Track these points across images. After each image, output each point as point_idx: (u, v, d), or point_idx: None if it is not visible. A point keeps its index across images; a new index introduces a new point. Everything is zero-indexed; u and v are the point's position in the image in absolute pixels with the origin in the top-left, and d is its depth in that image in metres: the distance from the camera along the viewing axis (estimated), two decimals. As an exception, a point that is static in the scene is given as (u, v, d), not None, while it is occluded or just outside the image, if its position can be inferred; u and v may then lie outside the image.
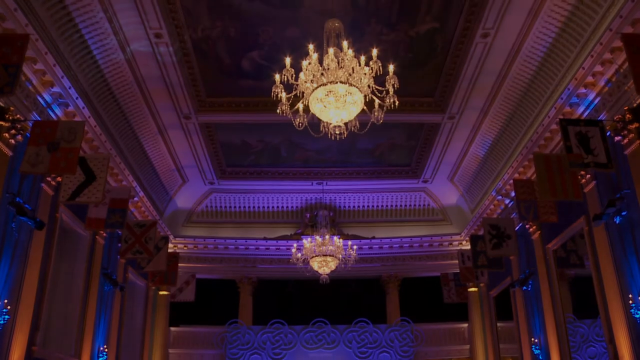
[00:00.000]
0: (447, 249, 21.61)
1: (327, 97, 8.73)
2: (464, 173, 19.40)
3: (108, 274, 16.03)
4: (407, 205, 21.85)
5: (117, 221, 13.84)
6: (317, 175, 19.66)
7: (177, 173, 19.52)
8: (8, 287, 10.88)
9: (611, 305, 11.82)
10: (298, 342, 20.47)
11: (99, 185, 11.63)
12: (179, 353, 20.92)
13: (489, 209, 18.31)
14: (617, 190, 11.37)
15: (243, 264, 21.79)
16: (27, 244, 11.65)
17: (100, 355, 15.48)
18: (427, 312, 21.49)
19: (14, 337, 11.10)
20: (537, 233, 15.74)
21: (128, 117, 15.43)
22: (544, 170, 11.62)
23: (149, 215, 18.39)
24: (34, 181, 11.90)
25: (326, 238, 16.34)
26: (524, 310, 16.83)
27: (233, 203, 21.71)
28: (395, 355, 20.26)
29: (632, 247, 10.98)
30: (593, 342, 13.63)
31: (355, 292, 22.92)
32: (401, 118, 16.18)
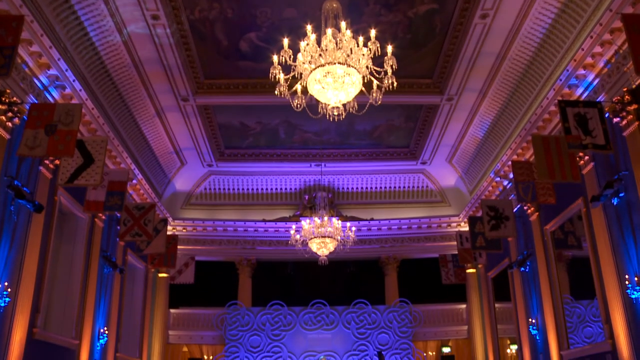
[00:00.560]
0: (445, 231, 21.68)
1: (325, 78, 8.70)
2: (462, 155, 19.40)
3: (107, 257, 16.08)
4: (406, 186, 21.86)
5: (115, 204, 13.83)
6: (316, 157, 19.66)
7: (175, 155, 19.50)
8: (8, 270, 10.91)
9: (608, 286, 11.90)
10: (297, 323, 20.60)
11: (97, 168, 11.59)
12: (178, 334, 21.07)
13: (487, 191, 18.35)
14: (615, 171, 11.38)
15: (242, 245, 21.86)
16: (26, 227, 11.67)
17: (100, 337, 15.59)
18: (426, 293, 21.61)
19: (15, 319, 11.17)
20: (535, 214, 15.78)
21: (126, 100, 15.37)
22: (542, 151, 11.62)
23: (148, 198, 18.40)
24: (32, 164, 11.89)
25: (325, 220, 16.35)
26: (522, 291, 16.93)
27: (232, 185, 21.71)
28: (394, 335, 20.40)
29: (629, 228, 11.02)
30: (589, 323, 13.73)
31: (354, 274, 23.01)
32: (400, 99, 16.16)
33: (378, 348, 19.34)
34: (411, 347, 20.34)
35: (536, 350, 15.89)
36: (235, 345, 20.25)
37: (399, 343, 20.30)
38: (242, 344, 20.27)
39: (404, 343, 20.31)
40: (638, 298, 10.67)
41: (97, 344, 15.38)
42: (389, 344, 20.25)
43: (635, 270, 10.82)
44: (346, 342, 20.42)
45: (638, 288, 10.63)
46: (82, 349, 14.57)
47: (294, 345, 20.34)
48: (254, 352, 20.20)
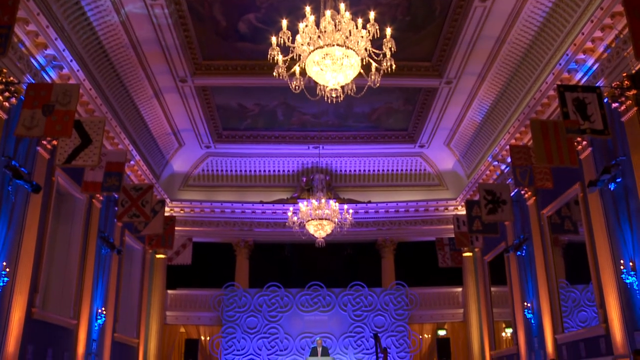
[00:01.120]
0: (442, 214, 21.74)
1: (324, 60, 8.67)
2: (460, 138, 19.40)
3: (105, 238, 16.12)
4: (404, 169, 21.88)
5: (113, 184, 13.82)
6: (314, 139, 19.64)
7: (173, 137, 19.47)
8: (6, 250, 10.95)
9: (603, 270, 11.97)
10: (294, 304, 20.71)
11: (95, 148, 11.57)
12: (176, 315, 21.20)
13: (485, 175, 18.38)
14: (613, 157, 11.40)
15: (239, 227, 21.91)
16: (23, 207, 11.68)
17: (98, 317, 15.68)
18: (422, 276, 21.73)
19: (13, 299, 11.22)
20: (533, 199, 15.83)
21: (123, 81, 15.30)
22: (540, 136, 11.63)
23: (146, 179, 18.40)
24: (30, 144, 11.87)
25: (322, 202, 16.38)
26: (518, 275, 17.04)
27: (229, 167, 21.71)
28: (390, 318, 20.54)
29: (625, 214, 11.07)
30: (584, 307, 13.84)
31: (351, 256, 23.10)
32: (398, 82, 16.11)
33: (374, 330, 19.48)
34: (407, 330, 20.50)
35: (531, 334, 16.03)
36: (232, 327, 20.38)
37: (395, 325, 20.44)
38: (239, 325, 20.40)
39: (400, 325, 20.46)
40: (632, 283, 10.75)
41: (95, 324, 15.47)
42: (385, 326, 20.39)
43: (630, 256, 10.89)
44: (342, 324, 20.55)
45: (633, 273, 10.71)
46: (80, 329, 14.66)
47: (290, 327, 20.48)
48: (251, 333, 20.34)
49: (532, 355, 15.97)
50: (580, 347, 13.36)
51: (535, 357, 15.67)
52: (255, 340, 20.28)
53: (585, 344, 13.16)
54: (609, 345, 11.87)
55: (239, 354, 20.10)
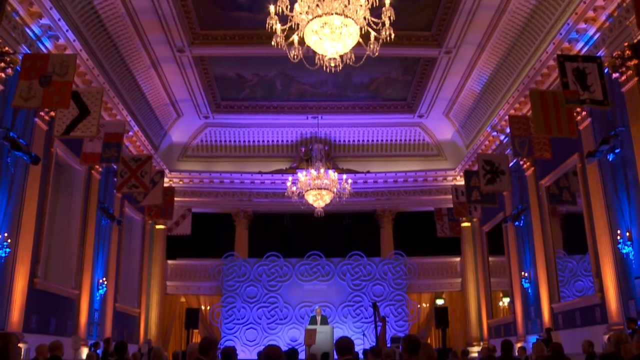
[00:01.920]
0: (441, 184, 21.77)
1: (323, 29, 8.57)
2: (459, 109, 19.32)
3: (105, 209, 16.17)
4: (402, 140, 21.84)
5: (112, 155, 13.78)
6: (312, 109, 19.55)
7: (171, 107, 19.38)
8: (7, 221, 11.00)
9: (600, 240, 12.06)
10: (293, 274, 20.88)
11: (93, 119, 11.51)
12: (176, 285, 21.39)
13: (483, 145, 18.36)
14: (612, 127, 11.38)
15: (238, 197, 21.94)
16: (23, 179, 11.69)
17: (99, 287, 15.83)
18: (421, 246, 21.85)
19: (16, 269, 11.32)
20: (531, 169, 15.85)
21: (120, 51, 15.17)
22: (540, 106, 11.57)
23: (144, 150, 18.38)
24: (28, 116, 11.82)
25: (321, 172, 16.37)
26: (515, 245, 17.16)
27: (228, 137, 21.66)
28: (389, 287, 20.73)
29: (623, 184, 11.10)
30: (581, 277, 13.97)
31: (349, 226, 23.19)
32: (397, 52, 15.98)
33: (373, 299, 19.65)
34: (405, 299, 20.71)
35: (528, 303, 16.21)
36: (232, 296, 20.58)
37: (393, 294, 20.65)
38: (238, 295, 20.60)
39: (399, 294, 20.67)
40: (628, 253, 10.84)
41: (96, 294, 15.63)
42: (384, 296, 20.60)
43: (627, 226, 10.96)
44: (341, 293, 20.75)
45: (629, 243, 10.80)
46: (82, 299, 14.81)
47: (289, 296, 20.68)
48: (251, 302, 20.55)
49: (528, 323, 16.18)
50: (575, 315, 13.53)
51: (532, 326, 15.88)
52: (255, 309, 20.50)
53: (580, 313, 13.32)
54: (604, 313, 12.02)
55: (239, 323, 20.34)
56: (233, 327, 20.27)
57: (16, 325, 11.04)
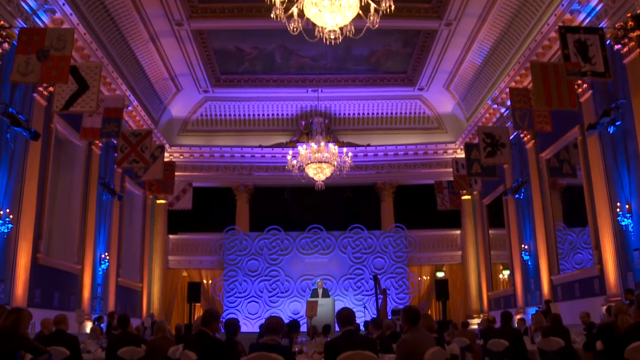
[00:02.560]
0: (441, 157, 21.76)
1: (322, 0, 8.50)
2: (460, 81, 19.21)
3: (106, 184, 16.20)
4: (403, 113, 21.77)
5: (112, 130, 13.73)
6: (312, 83, 19.44)
7: (170, 82, 19.28)
8: (8, 197, 11.04)
9: (599, 213, 12.10)
10: (294, 247, 20.98)
11: (93, 94, 11.44)
12: (178, 259, 21.51)
13: (484, 118, 18.31)
14: (613, 100, 11.33)
15: (239, 171, 21.96)
16: (23, 154, 11.70)
17: (102, 262, 15.94)
18: (421, 219, 21.88)
19: (19, 244, 11.41)
20: (532, 142, 15.82)
21: (118, 25, 15.03)
22: (540, 78, 11.49)
23: (144, 125, 18.33)
24: (26, 91, 11.78)
25: (321, 145, 16.34)
26: (516, 218, 17.21)
27: (228, 111, 21.59)
28: (389, 260, 20.84)
29: (623, 157, 11.10)
30: (580, 249, 14.05)
31: (350, 199, 23.21)
32: (397, 24, 15.82)
33: (373, 272, 19.77)
34: (406, 272, 20.83)
35: (527, 275, 16.33)
36: (234, 270, 20.72)
37: (394, 267, 20.77)
38: (240, 268, 20.73)
39: (399, 267, 20.80)
40: (627, 225, 10.89)
41: (99, 269, 15.75)
42: (385, 268, 20.72)
43: (626, 198, 10.99)
44: (342, 266, 20.88)
45: (628, 215, 10.84)
46: (85, 274, 14.93)
47: (291, 269, 20.82)
48: (252, 276, 20.69)
49: (528, 295, 16.31)
50: (574, 287, 13.64)
51: (531, 298, 16.01)
52: (256, 282, 20.65)
53: (579, 285, 13.43)
54: (602, 285, 12.12)
55: (241, 296, 20.51)
56: (235, 301, 20.45)
57: (20, 300, 11.15)
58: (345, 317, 5.50)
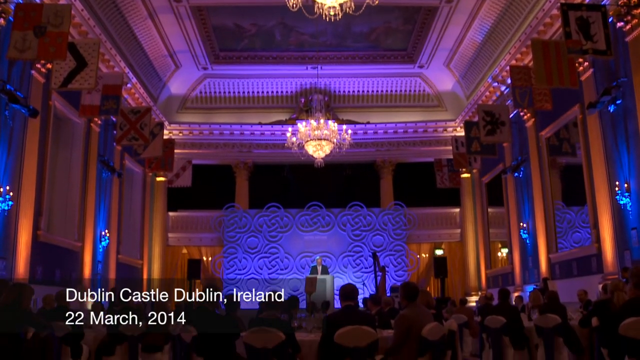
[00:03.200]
0: (441, 135, 21.72)
1: (321, -23, 8.44)
2: (460, 59, 19.10)
3: (105, 161, 16.20)
4: (403, 90, 21.69)
5: (111, 108, 13.70)
6: (312, 60, 19.33)
7: (169, 58, 19.16)
8: (8, 174, 11.06)
9: (598, 191, 12.13)
10: (294, 225, 21.04)
11: (91, 71, 11.40)
12: (178, 237, 21.58)
13: (484, 96, 18.24)
14: (614, 78, 11.28)
15: (238, 149, 21.93)
16: (22, 132, 11.69)
17: (102, 239, 16.00)
18: (420, 197, 21.92)
19: (19, 222, 11.45)
20: (531, 120, 15.79)
21: (116, 1, 14.89)
22: (541, 56, 11.43)
23: (143, 102, 18.27)
24: (24, 68, 11.72)
25: (321, 122, 16.31)
26: (515, 196, 17.25)
27: (227, 88, 21.51)
28: (388, 237, 20.93)
29: (623, 136, 11.09)
30: (579, 228, 14.12)
31: (349, 177, 23.21)
32: (397, 1, 15.75)
33: (373, 249, 19.87)
34: (405, 249, 20.93)
35: (526, 254, 16.41)
36: (234, 247, 20.81)
37: (393, 245, 20.86)
38: (240, 245, 20.82)
39: (398, 245, 20.89)
40: (626, 204, 10.92)
41: (99, 246, 15.82)
42: (384, 246, 20.81)
43: (625, 177, 11.01)
44: (341, 244, 20.96)
45: (627, 194, 10.87)
46: (85, 251, 14.99)
47: (290, 246, 20.91)
48: (252, 253, 20.79)
49: (526, 273, 16.42)
50: (572, 266, 13.73)
51: (529, 276, 16.12)
52: (256, 259, 20.75)
53: (577, 263, 13.51)
54: (599, 264, 12.20)
55: (241, 274, 20.63)
56: (235, 278, 20.57)
57: (22, 276, 11.22)
58: (349, 292, 5.59)
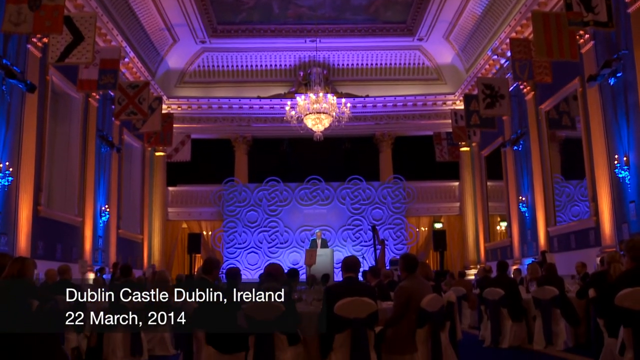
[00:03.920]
0: (440, 108, 21.66)
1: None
2: (460, 31, 18.95)
3: (104, 136, 16.17)
4: (402, 63, 21.56)
5: (109, 82, 13.66)
6: (311, 33, 19.19)
7: (167, 32, 19.00)
8: (7, 149, 11.04)
9: (597, 165, 12.15)
10: (293, 198, 21.09)
11: (88, 45, 11.34)
12: (177, 211, 21.63)
13: (484, 69, 18.15)
14: (615, 51, 11.22)
15: (237, 123, 21.88)
16: (20, 107, 11.65)
17: (102, 214, 16.05)
18: (419, 170, 21.92)
19: (19, 197, 11.48)
20: (531, 94, 15.74)
21: (112, -27, 14.73)
22: (542, 28, 11.38)
23: (141, 76, 18.17)
24: (19, 42, 11.62)
25: (320, 96, 16.25)
26: (514, 170, 17.26)
27: (225, 62, 21.37)
28: (388, 211, 20.99)
29: (623, 109, 11.07)
30: (577, 202, 14.17)
31: (349, 150, 23.18)
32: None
33: (372, 223, 19.95)
34: (404, 222, 21.01)
35: (524, 227, 16.49)
36: (233, 221, 20.88)
37: (392, 218, 20.93)
38: (239, 219, 20.89)
39: (397, 218, 20.96)
40: (625, 177, 10.95)
41: (99, 221, 15.88)
42: (383, 219, 20.88)
43: (625, 150, 11.01)
44: (341, 217, 21.03)
45: (626, 168, 10.89)
46: (86, 226, 15.05)
47: (290, 220, 20.98)
48: (252, 227, 20.87)
49: (524, 247, 16.52)
50: (570, 239, 13.81)
51: (528, 249, 16.22)
52: (255, 233, 20.84)
53: (575, 236, 13.59)
54: (597, 237, 12.28)
55: (241, 247, 20.74)
56: (234, 252, 20.69)
57: (24, 251, 11.30)
58: (351, 264, 5.66)
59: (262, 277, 5.83)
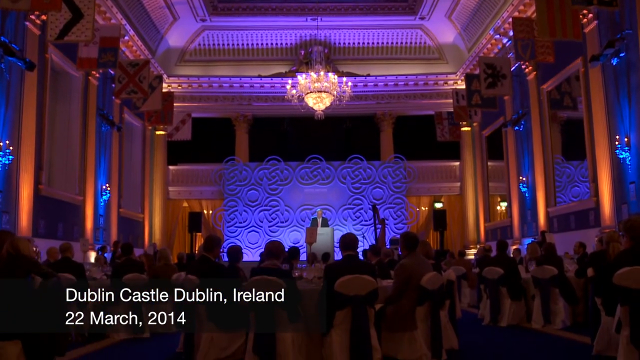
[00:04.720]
0: (442, 88, 21.58)
1: None
2: (462, 10, 18.80)
3: (104, 115, 16.14)
4: (403, 42, 21.43)
5: (109, 60, 13.56)
6: (312, 11, 19.05)
7: (167, 10, 18.86)
8: (7, 128, 11.04)
9: (598, 145, 12.14)
10: (294, 177, 21.10)
11: (87, 22, 11.27)
12: (178, 190, 21.67)
13: (485, 48, 18.03)
14: (619, 30, 11.14)
15: (238, 102, 21.81)
16: (19, 85, 11.61)
17: (103, 193, 16.09)
18: (420, 150, 21.90)
19: (20, 176, 11.50)
20: (533, 74, 15.67)
21: (111, -50, 14.58)
22: (545, 7, 11.27)
23: (141, 55, 18.07)
24: (18, 20, 11.55)
25: (321, 75, 16.19)
26: (515, 150, 17.26)
27: (226, 40, 21.24)
28: (388, 190, 21.02)
29: (625, 89, 11.03)
30: (578, 183, 14.18)
31: (349, 129, 23.14)
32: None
33: (372, 202, 19.97)
34: (405, 202, 21.05)
35: (525, 207, 16.53)
36: (234, 200, 20.92)
37: (393, 198, 20.97)
38: (240, 198, 20.93)
39: (398, 198, 21.00)
40: (625, 158, 10.95)
41: (100, 200, 15.92)
42: (383, 199, 20.92)
43: (626, 131, 11.00)
44: (342, 197, 21.07)
45: (627, 148, 10.88)
46: (87, 205, 15.10)
47: (290, 199, 21.01)
48: (252, 206, 20.92)
49: (524, 227, 16.57)
50: (570, 219, 13.85)
51: (528, 229, 16.28)
52: (256, 212, 20.89)
53: (575, 217, 13.63)
54: (597, 217, 12.31)
55: (241, 226, 20.81)
56: (235, 231, 20.76)
57: (25, 230, 11.36)
58: (349, 242, 5.67)
59: (263, 255, 5.86)
